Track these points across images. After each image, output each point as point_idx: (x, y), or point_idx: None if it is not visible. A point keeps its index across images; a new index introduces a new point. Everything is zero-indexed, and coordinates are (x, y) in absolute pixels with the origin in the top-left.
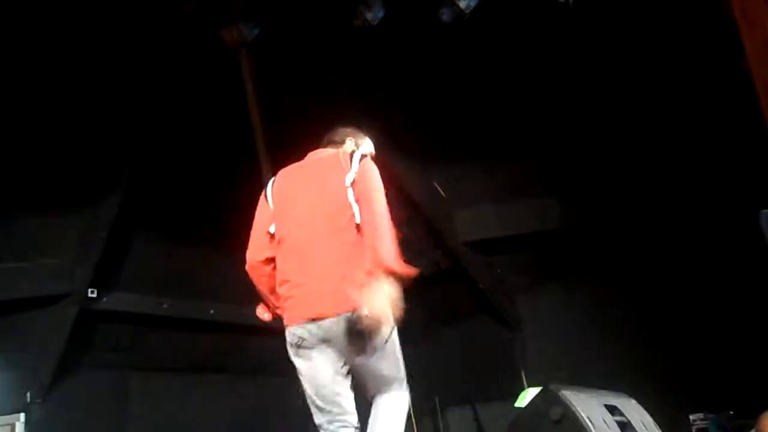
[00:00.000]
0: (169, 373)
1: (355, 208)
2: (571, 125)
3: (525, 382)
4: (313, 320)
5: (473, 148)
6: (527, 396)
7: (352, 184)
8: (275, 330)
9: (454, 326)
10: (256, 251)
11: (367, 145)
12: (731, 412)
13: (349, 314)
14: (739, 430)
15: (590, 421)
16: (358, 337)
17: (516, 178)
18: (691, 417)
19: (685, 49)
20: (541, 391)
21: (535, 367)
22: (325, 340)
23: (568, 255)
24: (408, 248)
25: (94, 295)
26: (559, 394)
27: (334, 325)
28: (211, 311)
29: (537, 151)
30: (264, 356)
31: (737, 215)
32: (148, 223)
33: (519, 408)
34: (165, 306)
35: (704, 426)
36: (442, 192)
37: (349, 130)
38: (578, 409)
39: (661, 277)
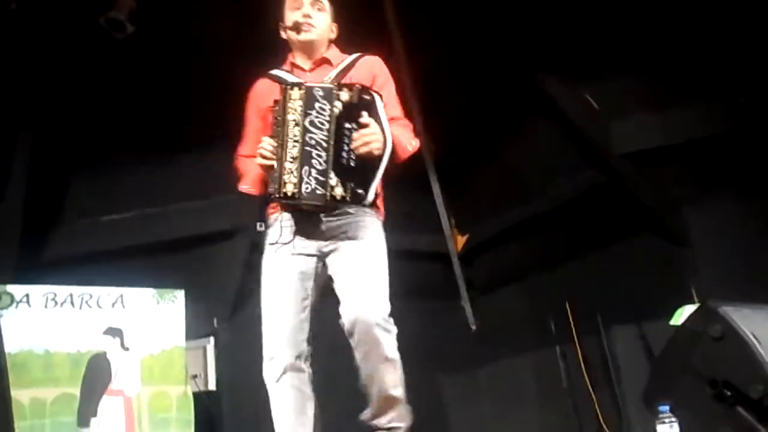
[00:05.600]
0: None
1: None
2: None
3: (696, 300)
4: None
5: (625, 58)
6: (683, 314)
7: None
8: None
9: (616, 244)
10: None
11: None
12: None
13: None
14: None
15: (755, 338)
16: None
17: (673, 84)
18: None
19: None
20: (698, 308)
21: (707, 285)
22: None
23: (740, 161)
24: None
25: (262, 229)
26: (719, 310)
27: None
28: None
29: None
30: None
31: None
32: None
33: (675, 326)
34: None
35: None
36: (594, 105)
37: None
38: (740, 325)
39: None
